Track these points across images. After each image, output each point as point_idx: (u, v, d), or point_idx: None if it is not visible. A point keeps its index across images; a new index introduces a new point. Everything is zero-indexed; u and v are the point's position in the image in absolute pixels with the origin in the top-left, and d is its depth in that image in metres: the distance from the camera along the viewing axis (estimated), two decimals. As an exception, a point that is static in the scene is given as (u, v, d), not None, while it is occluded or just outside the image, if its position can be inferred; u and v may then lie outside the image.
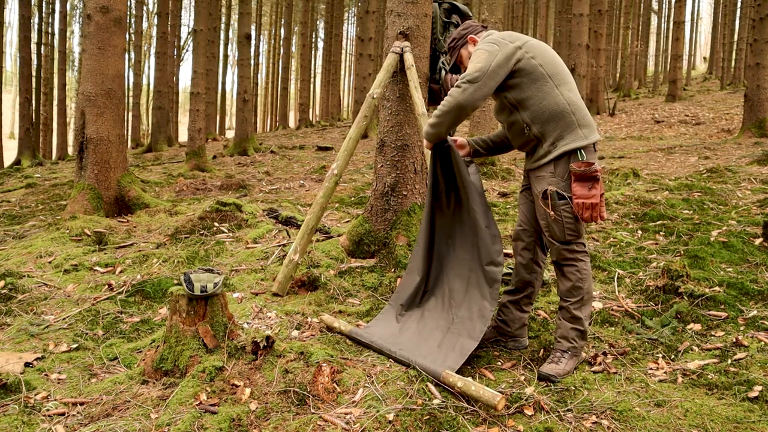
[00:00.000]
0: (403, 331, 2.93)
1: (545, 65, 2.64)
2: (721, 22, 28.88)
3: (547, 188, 2.62)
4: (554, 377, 2.57)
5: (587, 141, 2.59)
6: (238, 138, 14.12)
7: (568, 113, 2.60)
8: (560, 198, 2.60)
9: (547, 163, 2.64)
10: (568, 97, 2.63)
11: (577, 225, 2.63)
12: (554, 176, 2.62)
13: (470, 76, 2.58)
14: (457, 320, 2.81)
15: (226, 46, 35.09)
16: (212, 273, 2.64)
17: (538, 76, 2.62)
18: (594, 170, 2.53)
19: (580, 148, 2.58)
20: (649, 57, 37.37)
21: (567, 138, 2.60)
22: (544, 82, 2.62)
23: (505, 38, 2.67)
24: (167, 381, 2.48)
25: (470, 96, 2.58)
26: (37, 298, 3.60)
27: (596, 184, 2.54)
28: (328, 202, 3.96)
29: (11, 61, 43.02)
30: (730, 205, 5.67)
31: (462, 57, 2.93)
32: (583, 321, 2.69)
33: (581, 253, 2.68)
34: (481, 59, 2.60)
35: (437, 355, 2.67)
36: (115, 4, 5.97)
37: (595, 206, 2.54)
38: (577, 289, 2.67)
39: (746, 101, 11.78)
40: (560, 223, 2.63)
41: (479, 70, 2.57)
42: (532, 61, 2.62)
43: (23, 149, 16.77)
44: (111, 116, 5.95)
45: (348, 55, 46.57)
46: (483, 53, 2.62)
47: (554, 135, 2.61)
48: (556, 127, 2.61)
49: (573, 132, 2.60)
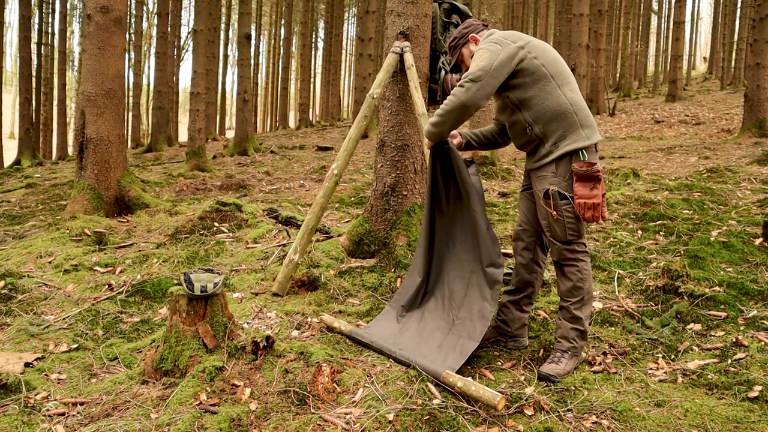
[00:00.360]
0: (404, 331, 2.93)
1: (548, 65, 2.64)
2: (721, 22, 28.88)
3: (549, 188, 2.63)
4: (554, 377, 2.57)
5: (589, 141, 2.60)
6: (238, 138, 14.12)
7: (570, 113, 2.61)
8: (562, 198, 2.61)
9: (549, 163, 2.64)
10: (570, 98, 2.63)
11: (579, 225, 2.64)
12: (556, 176, 2.62)
13: (473, 75, 2.58)
14: (458, 321, 2.81)
15: (226, 46, 35.11)
16: (212, 273, 2.64)
17: (540, 76, 2.62)
18: (596, 170, 2.53)
19: (582, 149, 2.58)
20: (649, 57, 37.38)
21: (569, 138, 2.60)
22: (546, 82, 2.62)
23: (507, 38, 2.67)
24: (167, 381, 2.48)
25: (473, 95, 2.57)
26: (37, 298, 3.60)
27: (598, 184, 2.55)
28: (328, 202, 3.96)
29: (11, 61, 43.03)
30: (730, 205, 5.67)
31: (463, 56, 2.92)
32: (584, 321, 2.69)
33: (582, 253, 2.68)
34: (483, 58, 2.60)
35: (437, 355, 2.67)
36: (115, 4, 5.97)
37: (597, 206, 2.55)
38: (578, 289, 2.67)
39: (746, 101, 11.78)
40: (562, 223, 2.63)
41: (482, 69, 2.57)
42: (534, 61, 2.62)
43: (23, 149, 16.77)
44: (111, 116, 5.95)
45: (348, 55, 46.57)
46: (485, 52, 2.62)
47: (556, 135, 2.62)
48: (558, 128, 2.61)
49: (575, 132, 2.60)
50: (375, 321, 3.12)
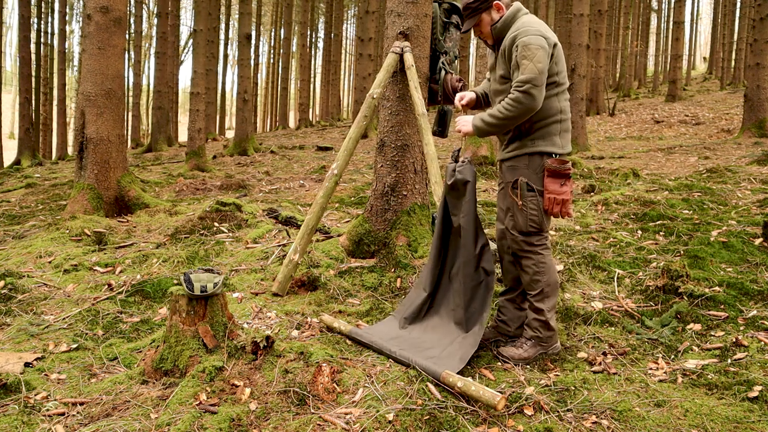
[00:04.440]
0: (405, 336, 2.94)
1: (560, 74, 2.72)
2: (720, 22, 28.87)
3: (519, 178, 2.72)
4: (507, 359, 2.73)
5: (561, 150, 2.72)
6: (238, 138, 14.11)
7: (556, 120, 2.72)
8: (530, 190, 2.71)
9: (522, 156, 2.73)
10: (563, 105, 2.74)
11: (541, 218, 2.72)
12: (527, 168, 2.72)
13: (535, 80, 2.55)
14: (460, 338, 2.83)
15: (226, 46, 35.09)
16: (212, 273, 2.64)
17: (550, 81, 2.68)
18: (567, 168, 2.64)
19: (555, 154, 2.71)
20: (649, 57, 37.37)
21: (546, 140, 2.71)
22: (552, 87, 2.70)
23: (541, 31, 2.64)
24: (167, 381, 2.48)
25: (537, 99, 2.58)
26: (37, 298, 3.60)
27: (567, 181, 2.66)
28: (328, 202, 3.96)
29: (11, 61, 43.01)
30: (730, 205, 5.67)
31: (482, 21, 2.79)
32: (545, 312, 2.76)
33: (540, 247, 2.76)
34: (540, 58, 2.57)
35: (438, 358, 2.68)
36: (115, 4, 5.97)
37: (565, 202, 2.66)
38: (536, 282, 2.76)
39: (746, 101, 11.79)
40: (525, 213, 2.72)
41: (541, 71, 2.57)
42: (554, 66, 2.69)
43: (23, 149, 16.75)
44: (111, 116, 5.95)
45: (348, 55, 46.57)
46: (539, 50, 2.58)
47: (536, 134, 2.71)
48: (540, 128, 2.71)
49: (551, 138, 2.71)
50: (376, 324, 3.13)
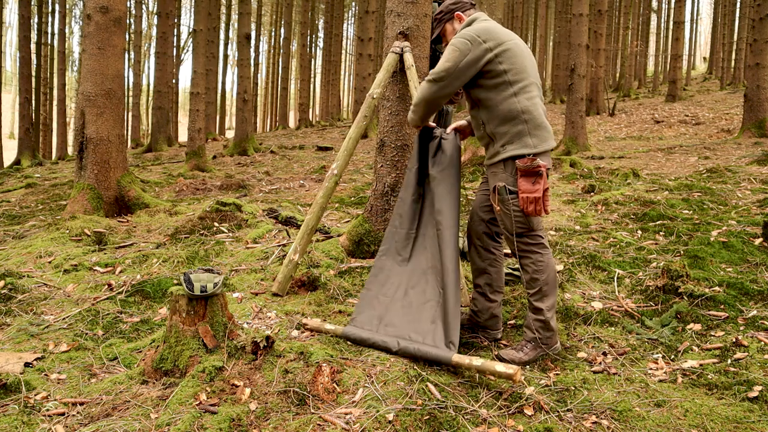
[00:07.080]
0: (389, 310, 2.92)
1: (510, 72, 2.72)
2: (720, 22, 28.88)
3: (497, 184, 2.77)
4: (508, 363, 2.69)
5: (534, 150, 2.71)
6: (238, 138, 14.11)
7: (520, 120, 2.72)
8: (510, 193, 2.74)
9: (498, 162, 2.78)
10: (524, 105, 2.72)
11: (527, 218, 2.74)
12: (504, 172, 2.76)
13: (437, 75, 2.73)
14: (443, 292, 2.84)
15: (226, 46, 35.11)
16: (212, 273, 2.64)
17: (499, 81, 2.72)
18: (537, 165, 2.65)
19: (527, 155, 2.70)
20: (649, 57, 37.38)
21: (515, 144, 2.72)
22: (505, 87, 2.72)
23: (480, 35, 2.72)
24: (167, 381, 2.48)
25: (435, 94, 2.77)
26: (37, 298, 3.60)
27: (539, 179, 2.67)
28: (328, 202, 3.96)
29: (11, 61, 43.02)
30: (730, 205, 5.67)
31: (446, 31, 3.04)
32: (545, 312, 2.76)
33: (536, 245, 2.78)
34: (451, 58, 2.70)
35: (435, 333, 2.70)
36: (115, 4, 5.97)
37: (539, 200, 2.67)
38: (534, 280, 2.77)
39: (746, 101, 11.78)
40: (510, 216, 2.76)
41: (446, 70, 2.70)
42: (498, 66, 2.71)
43: (23, 149, 16.76)
44: (111, 116, 5.95)
45: (348, 55, 46.57)
46: (455, 51, 2.71)
47: (504, 139, 2.74)
48: (507, 132, 2.73)
49: (521, 140, 2.71)
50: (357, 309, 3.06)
